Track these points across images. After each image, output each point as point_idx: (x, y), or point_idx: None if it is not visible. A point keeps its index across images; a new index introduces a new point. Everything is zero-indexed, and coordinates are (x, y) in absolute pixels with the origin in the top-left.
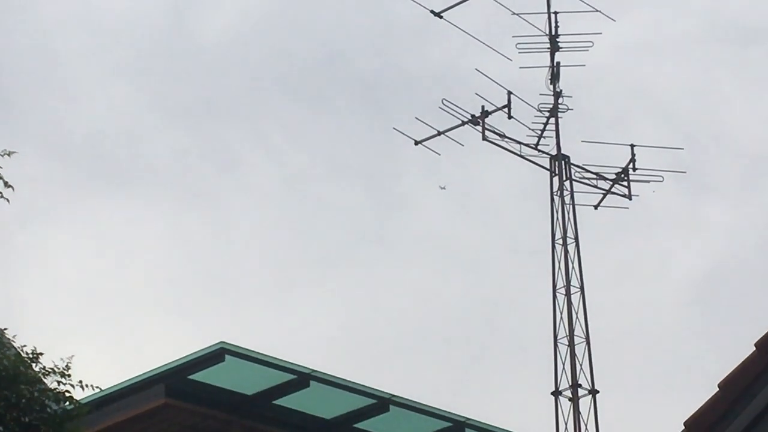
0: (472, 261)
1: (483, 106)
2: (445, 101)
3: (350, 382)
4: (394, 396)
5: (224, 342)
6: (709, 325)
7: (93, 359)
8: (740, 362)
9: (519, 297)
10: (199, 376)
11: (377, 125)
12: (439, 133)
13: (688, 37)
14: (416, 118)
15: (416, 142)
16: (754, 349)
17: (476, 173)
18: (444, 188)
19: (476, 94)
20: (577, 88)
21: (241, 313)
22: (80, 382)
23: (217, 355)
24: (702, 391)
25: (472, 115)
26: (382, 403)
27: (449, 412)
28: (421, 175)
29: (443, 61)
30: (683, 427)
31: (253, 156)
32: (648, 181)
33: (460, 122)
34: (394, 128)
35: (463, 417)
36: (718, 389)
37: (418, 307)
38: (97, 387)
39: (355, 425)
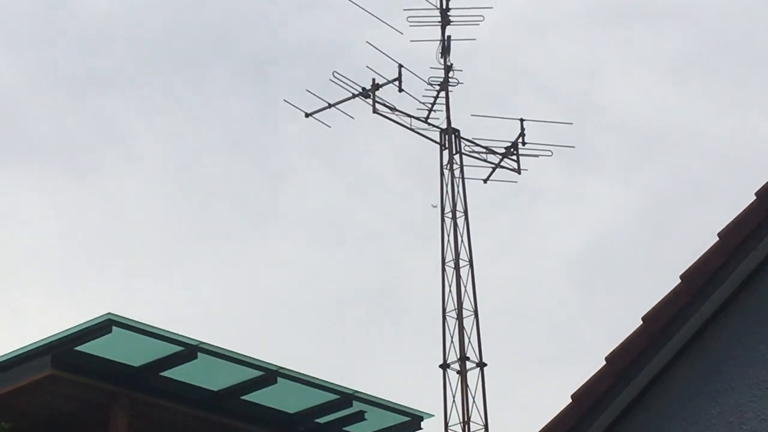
0: (362, 234)
1: (374, 79)
2: (335, 74)
3: (238, 354)
4: (282, 368)
5: (111, 313)
6: (593, 298)
7: None
8: (627, 336)
9: (409, 270)
10: (86, 348)
11: (266, 98)
12: (330, 106)
13: (575, 14)
14: (307, 90)
15: (306, 115)
16: (641, 322)
17: (367, 146)
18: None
19: (367, 66)
20: (467, 63)
21: (129, 286)
22: None
23: (104, 326)
24: (588, 363)
25: (363, 88)
26: (270, 375)
27: (338, 385)
28: (309, 149)
29: (335, 33)
30: (570, 400)
31: (140, 128)
32: (537, 156)
33: (351, 95)
34: (284, 100)
35: (352, 390)
36: (605, 362)
37: (309, 280)
38: None
39: (243, 397)
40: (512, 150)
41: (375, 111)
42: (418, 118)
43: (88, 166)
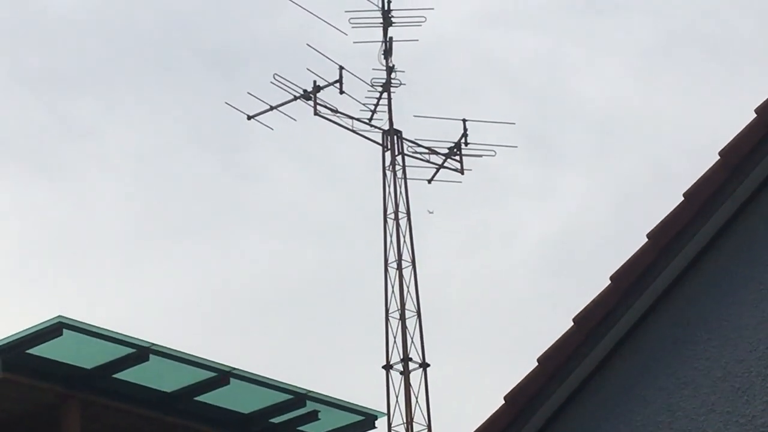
0: (311, 235)
1: (315, 81)
2: (276, 76)
3: (190, 355)
4: (235, 369)
5: (62, 316)
6: (561, 293)
7: None
8: (559, 337)
9: (357, 270)
10: (37, 351)
11: (228, 97)
12: (272, 108)
13: (537, 6)
14: (248, 93)
15: (248, 117)
16: (572, 323)
17: (311, 148)
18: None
19: (307, 69)
20: (415, 63)
21: (92, 286)
22: None
23: (55, 329)
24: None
25: (304, 90)
26: (223, 375)
27: (291, 385)
28: (259, 150)
29: (283, 34)
30: (503, 401)
31: (107, 126)
32: (480, 156)
33: (293, 97)
34: (226, 103)
35: (305, 389)
36: (537, 363)
37: (259, 280)
38: None
39: (196, 398)
40: (455, 150)
41: (316, 113)
42: (360, 120)
43: (55, 165)
